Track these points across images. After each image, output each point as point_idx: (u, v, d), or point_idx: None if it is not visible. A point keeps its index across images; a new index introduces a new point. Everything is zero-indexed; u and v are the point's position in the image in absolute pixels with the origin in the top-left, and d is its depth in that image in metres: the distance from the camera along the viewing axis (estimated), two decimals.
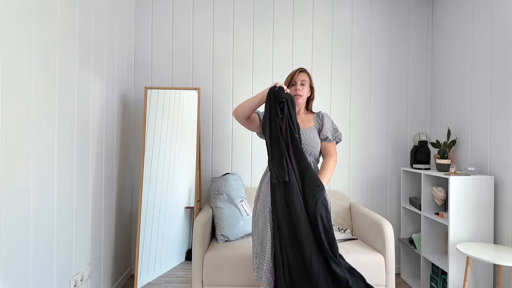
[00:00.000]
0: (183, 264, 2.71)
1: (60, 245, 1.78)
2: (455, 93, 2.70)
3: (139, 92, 2.92)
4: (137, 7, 2.94)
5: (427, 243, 2.57)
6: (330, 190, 2.93)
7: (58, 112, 1.75)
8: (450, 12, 2.79)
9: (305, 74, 1.95)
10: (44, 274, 1.63)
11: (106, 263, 2.39)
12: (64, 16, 1.78)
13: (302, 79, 1.92)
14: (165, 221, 2.60)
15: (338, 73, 3.01)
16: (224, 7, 2.97)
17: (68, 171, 1.86)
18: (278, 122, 1.65)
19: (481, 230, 2.22)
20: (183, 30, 2.96)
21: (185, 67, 2.95)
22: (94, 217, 2.18)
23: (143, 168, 2.52)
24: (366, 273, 2.14)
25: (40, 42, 1.58)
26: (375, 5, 3.02)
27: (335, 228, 2.61)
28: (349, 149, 3.01)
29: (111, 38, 2.44)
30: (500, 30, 2.24)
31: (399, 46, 3.04)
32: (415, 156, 2.77)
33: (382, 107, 3.03)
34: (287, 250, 1.57)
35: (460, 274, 2.22)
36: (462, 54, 2.62)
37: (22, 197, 1.47)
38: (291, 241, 1.57)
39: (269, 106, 1.70)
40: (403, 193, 2.89)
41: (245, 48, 2.97)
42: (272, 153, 1.66)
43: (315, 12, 3.00)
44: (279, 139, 1.64)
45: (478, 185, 2.23)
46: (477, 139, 2.44)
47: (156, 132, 2.61)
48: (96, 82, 2.19)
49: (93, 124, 2.16)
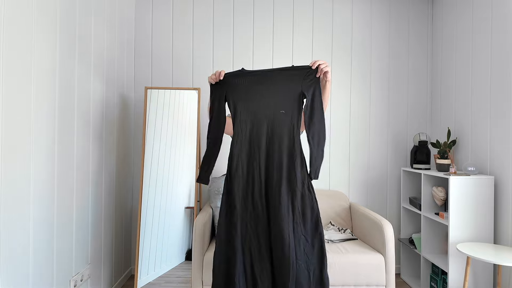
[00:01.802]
0: (183, 264, 2.70)
1: (60, 245, 1.78)
2: (455, 93, 2.70)
3: (139, 92, 2.92)
4: (137, 7, 2.94)
5: (427, 243, 2.57)
6: (330, 190, 2.93)
7: (58, 112, 1.75)
8: (450, 12, 2.79)
9: None
10: (44, 274, 1.63)
11: (106, 263, 2.39)
12: (64, 16, 1.78)
13: None
14: (165, 221, 2.60)
15: (338, 73, 3.01)
16: (224, 7, 2.97)
17: (68, 171, 1.86)
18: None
19: (481, 230, 2.22)
20: (183, 30, 2.96)
21: (185, 67, 2.95)
22: (94, 217, 2.18)
23: (143, 168, 2.52)
24: (366, 273, 2.15)
25: (40, 42, 1.58)
26: (375, 5, 3.02)
27: (335, 228, 2.61)
28: (349, 149, 3.01)
29: (111, 38, 2.44)
30: (500, 30, 2.24)
31: (399, 46, 3.04)
32: (415, 156, 2.77)
33: (382, 107, 3.03)
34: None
35: (460, 274, 2.22)
36: (462, 54, 2.62)
37: (22, 197, 1.47)
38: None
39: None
40: (403, 193, 2.89)
41: (245, 48, 2.97)
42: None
43: (315, 13, 3.00)
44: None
45: (478, 185, 2.23)
46: (477, 139, 2.44)
47: (156, 132, 2.61)
48: (96, 82, 2.19)
49: (93, 124, 2.16)
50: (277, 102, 1.61)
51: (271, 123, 1.60)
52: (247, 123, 1.61)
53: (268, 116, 1.61)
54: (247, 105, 1.62)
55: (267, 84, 1.63)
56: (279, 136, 1.59)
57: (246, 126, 1.61)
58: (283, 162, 1.57)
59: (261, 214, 1.57)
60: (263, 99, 1.62)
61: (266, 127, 1.60)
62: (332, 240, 2.39)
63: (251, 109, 1.62)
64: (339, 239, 2.42)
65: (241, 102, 1.63)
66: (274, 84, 1.62)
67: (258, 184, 1.59)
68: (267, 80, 1.63)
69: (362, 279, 2.14)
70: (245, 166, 1.60)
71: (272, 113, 1.60)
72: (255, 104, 1.62)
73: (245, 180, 1.59)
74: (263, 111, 1.61)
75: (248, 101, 1.63)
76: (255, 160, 1.60)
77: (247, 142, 1.61)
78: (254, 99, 1.63)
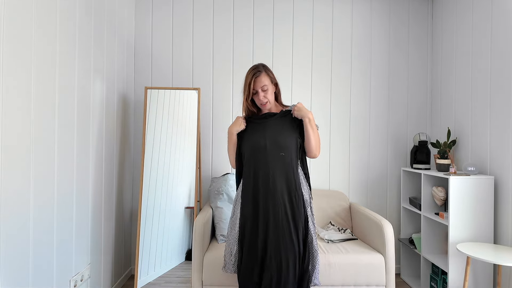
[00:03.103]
0: (183, 264, 2.70)
1: (60, 245, 1.78)
2: (455, 93, 2.70)
3: (139, 92, 2.92)
4: (137, 7, 2.94)
5: (427, 243, 2.57)
6: (330, 190, 2.93)
7: (58, 112, 1.75)
8: (450, 12, 2.79)
9: (262, 76, 1.72)
10: (44, 274, 1.63)
11: (106, 263, 2.39)
12: (64, 15, 1.78)
13: (262, 86, 1.71)
14: (165, 221, 2.60)
15: (338, 73, 3.01)
16: (224, 6, 2.97)
17: (68, 171, 1.86)
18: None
19: (481, 230, 2.22)
20: (183, 30, 2.96)
21: (185, 67, 2.95)
22: (94, 217, 2.18)
23: (143, 168, 2.52)
24: (366, 273, 2.15)
25: (39, 42, 1.58)
26: (375, 5, 3.03)
27: (335, 228, 2.61)
28: (349, 149, 3.01)
29: (111, 38, 2.44)
30: (500, 29, 2.24)
31: (399, 46, 3.04)
32: (415, 156, 2.77)
33: (382, 107, 3.03)
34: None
35: (460, 274, 2.22)
36: (462, 54, 2.62)
37: (22, 197, 1.47)
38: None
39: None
40: (403, 193, 2.89)
41: (245, 48, 2.97)
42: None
43: (315, 12, 3.00)
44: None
45: (478, 185, 2.23)
46: (477, 139, 2.44)
47: (156, 132, 2.61)
48: (96, 82, 2.19)
49: (93, 124, 2.16)
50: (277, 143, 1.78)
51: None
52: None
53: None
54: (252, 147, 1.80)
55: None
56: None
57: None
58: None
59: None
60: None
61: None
62: (332, 240, 2.39)
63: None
64: (339, 239, 2.42)
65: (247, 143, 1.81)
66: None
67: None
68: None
69: (362, 279, 2.14)
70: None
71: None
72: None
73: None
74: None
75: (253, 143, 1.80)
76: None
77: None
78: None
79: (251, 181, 1.73)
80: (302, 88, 2.99)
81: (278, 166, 1.69)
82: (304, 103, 2.97)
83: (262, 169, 1.70)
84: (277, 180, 1.68)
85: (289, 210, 1.68)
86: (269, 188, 1.68)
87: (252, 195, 1.72)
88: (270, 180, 1.68)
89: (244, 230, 1.73)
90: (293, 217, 1.68)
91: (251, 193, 1.73)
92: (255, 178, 1.71)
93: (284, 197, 1.68)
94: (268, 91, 1.74)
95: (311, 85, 3.00)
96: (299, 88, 2.99)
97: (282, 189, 1.68)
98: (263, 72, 1.73)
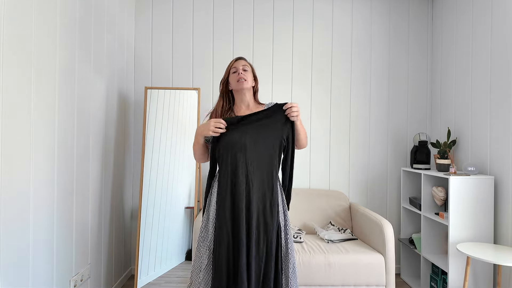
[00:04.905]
0: (183, 264, 2.70)
1: (60, 245, 1.78)
2: (455, 93, 2.70)
3: (139, 92, 2.92)
4: (137, 7, 2.94)
5: (427, 243, 2.57)
6: (330, 190, 2.93)
7: (58, 112, 1.75)
8: (450, 12, 2.79)
9: (245, 61, 1.73)
10: (44, 274, 1.63)
11: (106, 263, 2.39)
12: (64, 15, 1.78)
13: (243, 65, 1.70)
14: (165, 221, 2.60)
15: (337, 72, 3.00)
16: (224, 6, 2.97)
17: (68, 171, 1.86)
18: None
19: (481, 230, 2.22)
20: (183, 30, 2.96)
21: (185, 67, 2.95)
22: (94, 217, 2.18)
23: (143, 168, 2.52)
24: (366, 273, 2.15)
25: (39, 42, 1.58)
26: (375, 4, 3.02)
27: (335, 228, 2.61)
28: (349, 149, 3.01)
29: (111, 38, 2.44)
30: (500, 30, 2.24)
31: (399, 46, 3.04)
32: (415, 156, 2.77)
33: (382, 107, 3.03)
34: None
35: (460, 274, 2.22)
36: (462, 54, 2.62)
37: (22, 197, 1.47)
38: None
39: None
40: (403, 193, 2.89)
41: (245, 48, 2.97)
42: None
43: (315, 12, 3.00)
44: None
45: (478, 185, 2.23)
46: (477, 139, 2.44)
47: (156, 132, 2.61)
48: (96, 82, 2.19)
49: (93, 124, 2.16)
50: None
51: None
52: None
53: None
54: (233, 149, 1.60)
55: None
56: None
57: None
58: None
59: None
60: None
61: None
62: (332, 240, 2.39)
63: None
64: (339, 239, 2.42)
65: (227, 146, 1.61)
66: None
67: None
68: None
69: (362, 279, 2.14)
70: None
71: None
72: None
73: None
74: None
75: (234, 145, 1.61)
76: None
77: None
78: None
79: (228, 183, 1.54)
80: (302, 87, 2.99)
81: (259, 168, 1.55)
82: (304, 103, 2.98)
83: (241, 171, 1.53)
84: (255, 185, 1.53)
85: (262, 219, 1.53)
86: (247, 193, 1.52)
87: (230, 201, 1.54)
88: (249, 184, 1.53)
89: (219, 240, 1.52)
90: (265, 229, 1.52)
91: (228, 199, 1.54)
92: (232, 180, 1.54)
93: (259, 206, 1.53)
94: (248, 73, 1.69)
95: (311, 85, 3.00)
96: (299, 87, 2.99)
97: (259, 195, 1.53)
98: (246, 60, 1.75)
